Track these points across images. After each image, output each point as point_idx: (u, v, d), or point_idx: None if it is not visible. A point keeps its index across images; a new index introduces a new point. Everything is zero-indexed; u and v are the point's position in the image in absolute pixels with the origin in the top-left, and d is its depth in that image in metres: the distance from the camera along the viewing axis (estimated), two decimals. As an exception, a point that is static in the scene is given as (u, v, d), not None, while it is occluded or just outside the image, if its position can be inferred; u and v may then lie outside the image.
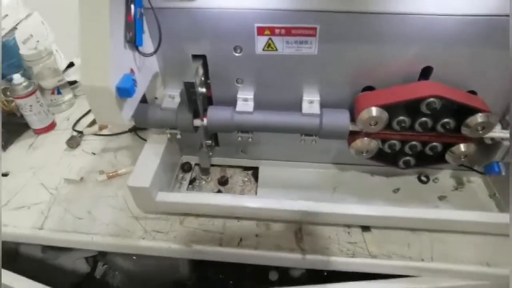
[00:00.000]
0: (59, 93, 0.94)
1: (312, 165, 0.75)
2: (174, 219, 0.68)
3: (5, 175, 0.79)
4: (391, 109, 0.55)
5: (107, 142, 0.88)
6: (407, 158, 0.63)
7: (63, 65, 1.04)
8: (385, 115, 0.55)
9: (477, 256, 0.62)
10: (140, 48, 0.49)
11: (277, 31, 0.52)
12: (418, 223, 0.63)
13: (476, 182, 0.74)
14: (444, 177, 0.74)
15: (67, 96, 0.97)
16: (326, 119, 0.58)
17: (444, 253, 0.63)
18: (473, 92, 0.59)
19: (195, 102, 0.56)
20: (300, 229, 0.67)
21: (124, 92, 0.44)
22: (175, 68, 0.59)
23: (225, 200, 0.62)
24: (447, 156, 0.61)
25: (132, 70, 0.49)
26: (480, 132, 0.55)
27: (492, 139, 0.59)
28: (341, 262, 0.62)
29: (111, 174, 0.77)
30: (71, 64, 1.07)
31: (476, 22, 0.50)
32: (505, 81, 0.56)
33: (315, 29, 0.52)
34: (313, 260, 0.63)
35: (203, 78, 0.58)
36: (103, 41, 0.42)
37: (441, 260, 0.62)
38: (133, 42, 0.47)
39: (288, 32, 0.52)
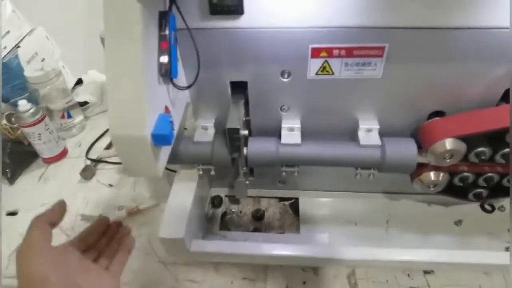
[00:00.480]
0: (69, 116, 0.86)
1: (359, 195, 0.66)
2: (208, 265, 0.60)
3: (13, 213, 0.71)
4: (469, 139, 0.46)
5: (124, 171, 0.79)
6: (480, 190, 0.54)
7: (70, 83, 0.96)
8: (463, 147, 0.47)
9: None
10: (175, 80, 0.41)
11: (335, 52, 0.44)
12: (490, 268, 0.55)
13: (547, 209, 0.65)
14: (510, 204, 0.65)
15: (78, 118, 0.89)
16: (390, 151, 0.49)
17: (524, 298, 0.54)
18: (561, 114, 0.50)
19: (238, 147, 0.48)
20: (354, 272, 0.58)
21: (162, 139, 0.36)
22: (209, 97, 0.51)
23: (268, 248, 0.53)
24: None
25: (167, 109, 0.40)
26: None
27: None
28: (404, 313, 0.54)
29: (131, 211, 0.69)
30: (79, 81, 0.99)
31: None
32: None
33: (383, 48, 0.43)
34: (372, 310, 0.54)
35: (244, 118, 0.50)
36: (135, 78, 0.34)
37: (521, 307, 0.53)
38: (169, 75, 0.38)
39: (349, 53, 0.44)
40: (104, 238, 0.45)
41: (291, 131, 0.52)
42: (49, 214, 0.37)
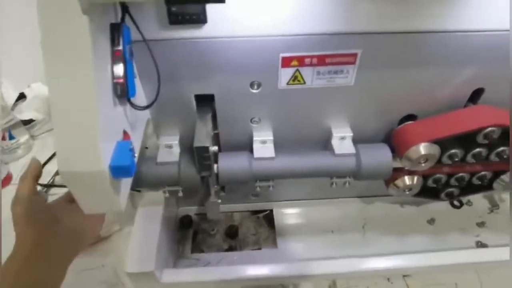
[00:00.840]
0: (11, 137, 0.76)
1: (333, 201, 0.65)
2: (181, 291, 0.55)
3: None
4: (442, 142, 0.46)
5: (80, 193, 0.72)
6: (451, 190, 0.55)
7: (11, 99, 0.85)
8: (437, 150, 0.46)
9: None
10: (133, 99, 0.36)
11: (307, 60, 0.41)
12: (468, 266, 0.55)
13: (508, 200, 0.68)
14: (476, 199, 0.67)
15: (22, 138, 0.79)
16: (365, 158, 0.47)
17: (496, 290, 0.56)
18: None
19: (208, 166, 0.44)
20: (334, 283, 0.57)
21: (122, 171, 0.31)
22: (173, 113, 0.46)
23: (245, 270, 0.49)
24: (496, 185, 0.54)
25: (125, 134, 0.35)
26: (539, 158, 0.48)
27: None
28: (388, 319, 0.53)
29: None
30: (21, 96, 0.88)
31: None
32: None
33: (355, 55, 0.41)
34: (356, 321, 0.53)
35: (213, 133, 0.46)
36: (86, 104, 0.28)
37: (496, 301, 0.55)
38: (126, 95, 0.34)
39: (321, 61, 0.41)
40: None
41: (263, 144, 0.49)
42: (31, 171, 0.43)
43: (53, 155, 0.80)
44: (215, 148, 0.45)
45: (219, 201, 0.52)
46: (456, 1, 0.38)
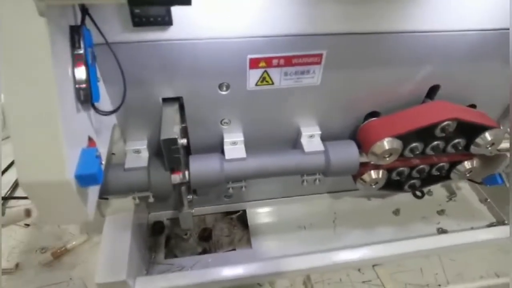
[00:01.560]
0: (-40, 149, 0.70)
1: (304, 198, 0.66)
2: (156, 298, 0.54)
3: None
4: (404, 137, 0.49)
5: (41, 204, 0.68)
6: (413, 181, 0.58)
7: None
8: (400, 145, 0.49)
9: (488, 269, 0.60)
10: (97, 104, 0.34)
11: (274, 61, 0.42)
12: (431, 252, 0.59)
13: (464, 188, 0.73)
14: (436, 188, 0.72)
15: (-28, 149, 0.73)
16: (333, 155, 0.49)
17: (457, 272, 0.60)
18: (473, 106, 0.55)
19: (177, 160, 0.43)
20: (309, 278, 0.58)
21: (89, 179, 0.30)
22: (140, 117, 0.45)
23: (220, 272, 0.49)
24: (453, 175, 0.57)
25: (91, 140, 0.34)
26: (490, 148, 0.52)
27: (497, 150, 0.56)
28: (361, 308, 0.55)
29: (58, 251, 0.59)
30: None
31: (484, 37, 0.46)
32: (502, 90, 0.54)
33: (320, 55, 0.42)
34: (332, 313, 0.55)
35: (180, 126, 0.45)
36: (47, 111, 0.27)
37: (457, 281, 0.59)
38: (89, 100, 0.32)
39: (288, 62, 0.42)
40: None
41: (234, 145, 0.49)
42: None
43: (10, 165, 0.75)
44: (184, 140, 0.44)
45: (193, 211, 0.52)
46: (414, 4, 0.40)
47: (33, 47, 0.26)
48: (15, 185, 0.71)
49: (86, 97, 0.32)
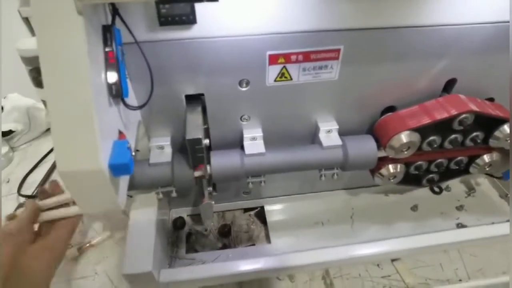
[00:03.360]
0: (-10, 150, 0.74)
1: (322, 194, 0.67)
2: (178, 292, 0.56)
3: None
4: (421, 130, 0.49)
5: (66, 203, 0.70)
6: (432, 176, 0.58)
7: (-14, 110, 0.83)
8: (418, 138, 0.49)
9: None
10: (126, 100, 0.36)
11: (293, 57, 0.43)
12: (450, 246, 0.59)
13: (484, 184, 0.72)
14: (454, 184, 0.71)
15: (2, 150, 0.77)
16: (351, 150, 0.50)
17: (478, 267, 0.59)
18: (491, 99, 0.55)
19: (201, 159, 0.44)
20: (328, 272, 0.59)
21: (121, 169, 0.31)
22: (163, 114, 0.47)
23: (241, 265, 0.51)
24: (472, 169, 0.57)
25: (121, 134, 0.36)
26: (509, 141, 0.52)
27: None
28: (381, 302, 0.55)
29: (83, 247, 0.61)
30: (-3, 108, 0.86)
31: (499, 29, 0.46)
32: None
33: (338, 51, 0.43)
34: (351, 307, 0.55)
35: (204, 126, 0.47)
36: (84, 103, 0.29)
37: (477, 276, 0.58)
38: (120, 95, 0.34)
39: (306, 57, 0.43)
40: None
41: (253, 141, 0.51)
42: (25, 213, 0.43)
43: (35, 166, 0.78)
44: (207, 141, 0.46)
45: (213, 202, 0.53)
46: (428, -3, 0.41)
47: (72, 44, 0.28)
48: (42, 184, 0.74)
49: (118, 92, 0.34)
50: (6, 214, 0.49)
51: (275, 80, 0.45)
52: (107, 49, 0.33)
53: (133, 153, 0.34)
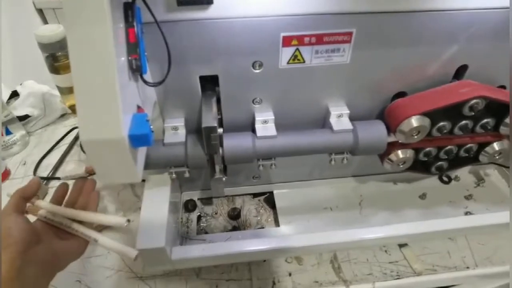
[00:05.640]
0: (8, 132, 0.76)
1: (330, 181, 0.68)
2: (188, 272, 0.57)
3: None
4: (432, 115, 0.50)
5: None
6: (441, 163, 0.58)
7: (4, 96, 0.85)
8: (428, 123, 0.50)
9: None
10: (145, 76, 0.38)
11: (306, 39, 0.44)
12: (458, 232, 0.59)
13: (493, 174, 0.72)
14: (463, 174, 0.71)
15: (19, 134, 0.79)
16: (362, 134, 0.50)
17: (486, 256, 0.60)
18: (503, 87, 0.55)
19: (215, 146, 0.46)
20: (336, 256, 0.60)
21: (141, 140, 0.33)
22: (178, 94, 0.48)
23: (253, 244, 0.52)
24: (481, 157, 0.58)
25: (139, 108, 0.37)
26: (519, 128, 0.52)
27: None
28: (388, 286, 0.56)
29: (97, 227, 0.63)
30: (14, 94, 0.88)
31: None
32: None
33: (350, 34, 0.44)
34: (359, 290, 0.56)
35: (219, 113, 0.48)
36: (107, 75, 0.30)
37: (486, 264, 0.59)
38: (140, 70, 0.35)
39: (319, 40, 0.44)
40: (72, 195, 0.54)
41: (265, 124, 0.52)
42: (22, 189, 0.46)
43: (51, 149, 0.80)
44: (221, 130, 0.47)
45: (224, 178, 0.54)
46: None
47: (97, 18, 0.30)
48: (56, 167, 0.76)
49: (137, 67, 0.35)
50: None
51: (288, 63, 0.46)
52: (128, 26, 0.34)
53: (152, 127, 0.35)
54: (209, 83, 0.48)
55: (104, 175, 0.34)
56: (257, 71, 0.46)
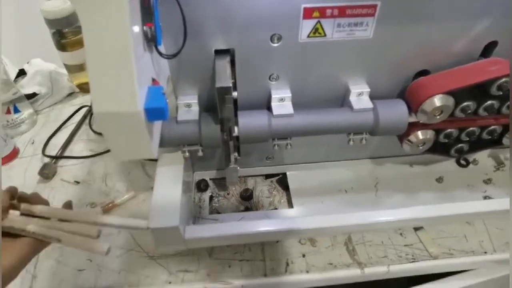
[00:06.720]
0: (16, 110, 0.75)
1: (345, 163, 0.66)
2: (200, 252, 0.57)
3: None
4: (456, 94, 0.47)
5: (90, 164, 0.72)
6: (461, 145, 0.56)
7: (11, 74, 0.84)
8: (451, 102, 0.47)
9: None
10: (159, 48, 0.36)
11: (328, 12, 0.41)
12: (472, 216, 0.58)
13: (513, 158, 0.70)
14: (482, 157, 0.69)
15: (27, 112, 0.78)
16: (382, 113, 0.48)
17: (504, 241, 0.58)
18: (531, 66, 0.53)
19: (230, 110, 0.44)
20: (350, 239, 0.59)
21: (157, 113, 0.31)
22: (192, 69, 0.46)
23: (267, 224, 0.51)
24: (505, 140, 0.55)
25: (154, 81, 0.35)
26: (547, 110, 0.50)
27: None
28: (403, 269, 0.55)
29: (107, 206, 0.62)
30: (21, 73, 0.87)
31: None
32: None
33: (375, 7, 0.41)
34: (373, 272, 0.55)
35: (233, 80, 0.46)
36: (122, 45, 0.28)
37: (504, 249, 0.57)
38: (154, 40, 0.33)
39: (342, 12, 0.42)
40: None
41: (281, 102, 0.50)
42: None
43: (58, 128, 0.79)
44: (235, 94, 0.45)
45: (238, 168, 0.53)
46: None
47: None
48: (65, 146, 0.75)
49: (152, 37, 0.33)
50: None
51: (308, 36, 0.44)
52: (142, -7, 0.32)
53: (167, 100, 0.33)
54: (225, 54, 0.46)
55: (118, 152, 0.33)
56: (275, 44, 0.44)
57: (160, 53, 0.36)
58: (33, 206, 0.43)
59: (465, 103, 0.48)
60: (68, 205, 0.47)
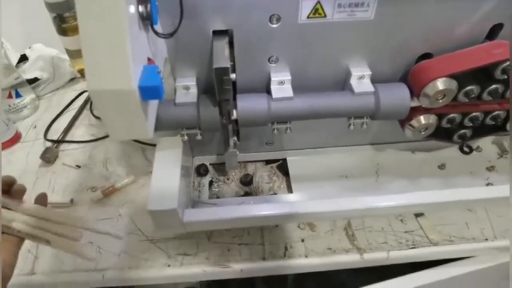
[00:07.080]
0: (18, 95, 0.75)
1: (345, 149, 0.66)
2: (199, 236, 0.57)
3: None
4: (459, 78, 0.46)
5: (91, 149, 0.72)
6: (464, 131, 0.55)
7: (13, 59, 0.84)
8: (454, 85, 0.46)
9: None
10: (155, 27, 0.35)
11: (328, -9, 0.40)
12: (473, 203, 0.57)
13: (518, 145, 0.69)
14: (485, 144, 0.68)
15: (28, 97, 0.78)
16: (384, 97, 0.48)
17: (505, 228, 0.58)
18: (538, 49, 0.51)
19: (228, 91, 0.43)
20: (350, 224, 0.58)
21: (151, 92, 0.31)
22: (190, 51, 0.46)
23: (265, 208, 0.51)
24: (509, 126, 0.54)
25: (150, 60, 0.35)
26: (554, 94, 0.48)
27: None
28: (403, 256, 0.55)
29: (107, 190, 0.63)
30: (23, 58, 0.86)
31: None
32: None
33: (377, -15, 0.40)
34: (373, 258, 0.55)
35: (231, 62, 0.45)
36: (117, 22, 0.28)
37: (505, 236, 0.57)
38: (150, 18, 0.33)
39: (342, -9, 0.40)
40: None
41: (281, 85, 0.49)
42: None
43: (60, 113, 0.79)
44: (233, 76, 0.44)
45: (238, 152, 0.53)
46: None
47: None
48: (66, 131, 0.75)
49: (148, 16, 0.33)
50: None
51: (307, 17, 0.43)
52: (137, -32, 0.31)
53: (163, 80, 0.33)
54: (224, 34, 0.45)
55: (114, 130, 0.33)
56: (274, 25, 0.43)
57: (156, 32, 0.35)
58: (19, 205, 0.40)
59: (468, 87, 0.47)
60: (42, 197, 0.43)
